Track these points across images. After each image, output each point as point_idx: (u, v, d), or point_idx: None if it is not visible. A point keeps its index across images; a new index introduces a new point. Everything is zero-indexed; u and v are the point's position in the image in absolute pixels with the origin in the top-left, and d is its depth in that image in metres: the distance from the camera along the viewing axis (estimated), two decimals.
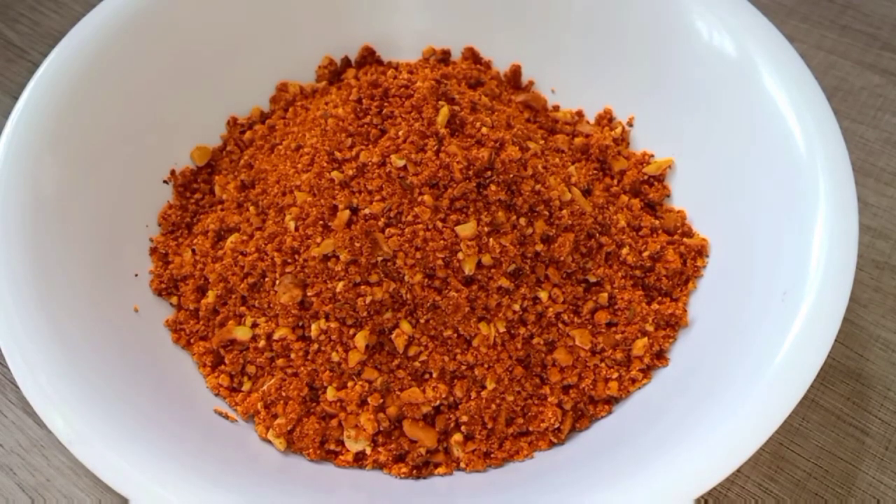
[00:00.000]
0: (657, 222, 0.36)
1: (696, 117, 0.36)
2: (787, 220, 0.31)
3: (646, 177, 0.37)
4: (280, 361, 0.32)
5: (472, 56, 0.42)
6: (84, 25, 0.36)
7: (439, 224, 0.30)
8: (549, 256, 0.32)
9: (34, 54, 0.49)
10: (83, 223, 0.33)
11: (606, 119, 0.40)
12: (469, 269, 0.30)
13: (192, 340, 0.34)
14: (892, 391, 0.37)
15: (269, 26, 0.40)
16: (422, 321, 0.31)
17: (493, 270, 0.31)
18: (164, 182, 0.38)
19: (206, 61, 0.39)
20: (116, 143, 0.36)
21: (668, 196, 0.37)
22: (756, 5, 0.36)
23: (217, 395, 0.33)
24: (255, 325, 0.33)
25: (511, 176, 0.31)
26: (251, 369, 0.33)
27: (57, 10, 0.52)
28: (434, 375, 0.31)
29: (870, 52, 0.48)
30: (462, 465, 0.31)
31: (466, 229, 0.30)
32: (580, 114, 0.41)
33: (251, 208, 0.35)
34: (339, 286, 0.30)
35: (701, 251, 0.35)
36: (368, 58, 0.43)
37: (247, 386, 0.33)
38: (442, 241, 0.30)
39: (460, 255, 0.30)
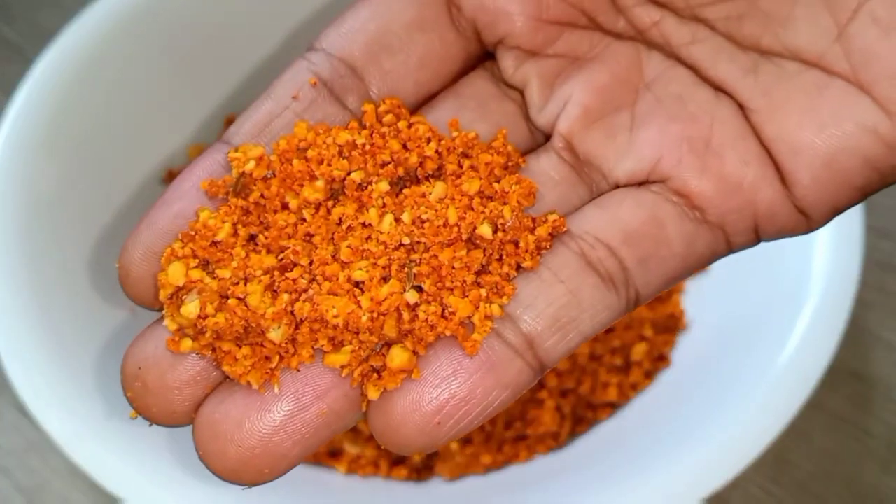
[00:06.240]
0: None
1: None
2: None
3: None
4: None
5: None
6: (80, 23, 0.36)
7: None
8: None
9: (32, 53, 0.49)
10: (80, 223, 0.33)
11: None
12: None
13: None
14: (895, 393, 0.36)
15: (269, 26, 0.40)
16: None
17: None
18: (163, 182, 0.38)
19: (205, 60, 0.39)
20: (114, 143, 0.35)
21: None
22: None
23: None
24: None
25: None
26: None
27: (55, 8, 0.51)
28: None
29: None
30: (461, 467, 0.30)
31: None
32: None
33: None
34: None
35: None
36: None
37: None
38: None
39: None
